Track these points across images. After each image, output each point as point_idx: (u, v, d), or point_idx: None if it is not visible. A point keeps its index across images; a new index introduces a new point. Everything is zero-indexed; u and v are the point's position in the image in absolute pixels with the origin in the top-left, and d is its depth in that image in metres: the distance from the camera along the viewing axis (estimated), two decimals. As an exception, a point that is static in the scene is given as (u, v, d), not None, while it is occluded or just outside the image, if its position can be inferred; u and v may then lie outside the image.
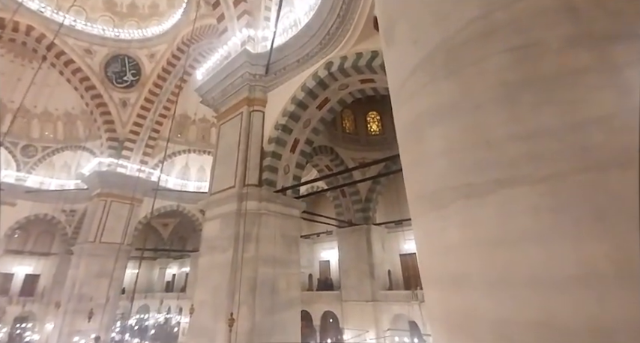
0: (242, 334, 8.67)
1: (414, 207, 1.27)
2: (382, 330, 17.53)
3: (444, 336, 1.06)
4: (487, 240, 0.88)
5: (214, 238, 10.71)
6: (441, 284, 1.08)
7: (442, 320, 1.07)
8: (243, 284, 9.33)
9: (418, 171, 1.21)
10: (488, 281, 0.86)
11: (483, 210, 0.89)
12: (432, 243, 1.13)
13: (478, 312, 0.88)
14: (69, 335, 18.11)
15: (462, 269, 0.95)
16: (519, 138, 0.84)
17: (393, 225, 21.46)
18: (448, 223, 1.00)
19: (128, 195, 20.41)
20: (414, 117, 1.22)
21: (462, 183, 0.95)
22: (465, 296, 0.94)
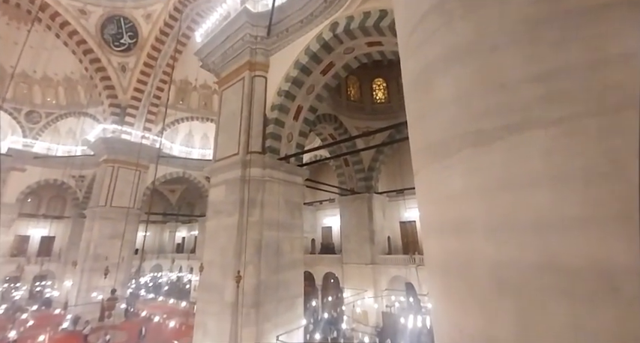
0: (249, 290, 9.30)
1: (418, 159, 1.26)
2: (380, 290, 18.61)
3: (441, 281, 1.09)
4: (492, 186, 0.88)
5: (220, 203, 11.04)
6: (440, 233, 1.09)
7: (440, 266, 1.10)
8: (248, 246, 9.81)
9: (424, 123, 1.19)
10: (489, 226, 0.87)
11: (490, 156, 0.88)
12: (435, 193, 1.13)
13: (477, 256, 0.90)
14: (87, 291, 19.54)
15: (464, 216, 0.96)
16: (536, 80, 0.81)
17: (395, 194, 21.82)
18: (452, 172, 1.00)
19: (134, 162, 20.72)
20: (423, 66, 1.17)
21: (471, 130, 0.94)
22: (464, 242, 0.95)
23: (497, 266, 0.84)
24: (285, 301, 10.29)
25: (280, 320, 9.87)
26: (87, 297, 19.01)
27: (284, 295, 10.31)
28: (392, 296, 18.47)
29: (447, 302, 1.05)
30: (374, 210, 20.46)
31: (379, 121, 20.21)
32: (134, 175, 22.41)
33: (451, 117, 1.03)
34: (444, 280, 1.08)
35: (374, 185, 21.25)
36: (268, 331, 9.38)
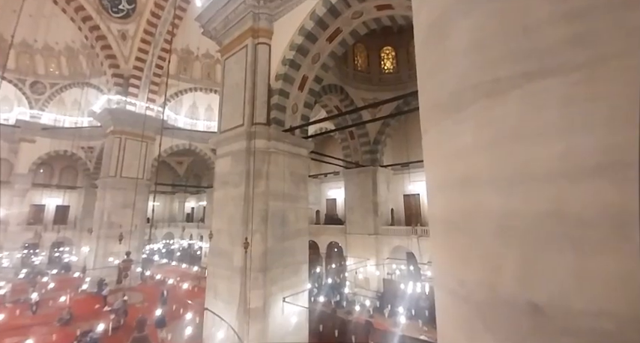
0: (256, 256, 9.78)
1: (428, 118, 1.22)
2: (382, 259, 19.33)
3: (443, 238, 1.10)
4: (504, 138, 0.85)
5: (227, 174, 11.25)
6: (446, 190, 1.09)
7: (443, 223, 1.10)
8: (255, 216, 10.14)
9: (436, 78, 1.14)
10: (498, 178, 0.86)
11: (505, 107, 0.85)
12: (443, 151, 1.11)
13: (482, 209, 0.89)
14: (104, 256, 20.69)
15: (472, 170, 0.94)
16: (562, 20, 0.75)
17: (400, 168, 21.83)
18: (463, 127, 0.98)
19: (140, 133, 20.88)
20: (438, 15, 1.10)
21: (486, 80, 0.90)
22: (469, 197, 0.95)
23: (502, 219, 0.83)
24: (290, 267, 10.82)
25: (286, 284, 10.46)
26: (104, 262, 20.19)
27: (290, 261, 10.82)
28: (393, 264, 19.21)
29: (448, 257, 1.07)
30: (378, 183, 20.64)
31: (386, 93, 19.70)
32: (141, 147, 22.67)
33: (466, 68, 0.97)
34: (446, 236, 1.08)
35: (379, 158, 21.24)
36: (275, 293, 9.99)
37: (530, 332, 0.76)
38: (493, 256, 0.86)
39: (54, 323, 14.42)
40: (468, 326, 0.96)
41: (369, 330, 11.55)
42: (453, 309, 1.05)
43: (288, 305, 10.06)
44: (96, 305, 17.33)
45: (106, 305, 16.79)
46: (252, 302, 9.43)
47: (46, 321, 14.79)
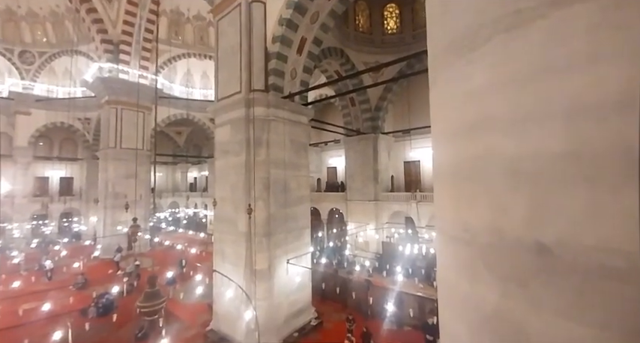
0: (260, 222, 10.06)
1: (436, 67, 1.16)
2: (381, 223, 19.92)
3: (449, 186, 1.09)
4: (523, 76, 0.81)
5: (227, 143, 11.17)
6: (454, 138, 1.06)
7: (449, 172, 1.09)
8: (257, 183, 10.25)
9: (447, 16, 1.07)
10: (513, 120, 0.83)
11: (526, 40, 0.80)
12: (452, 97, 1.07)
13: (494, 153, 0.87)
14: (112, 225, 21.34)
15: (485, 114, 0.91)
16: None
17: (401, 134, 21.63)
18: (476, 67, 0.93)
19: (136, 103, 20.43)
20: None
21: (506, 12, 0.83)
22: (481, 141, 0.92)
23: (514, 163, 0.82)
24: (293, 232, 11.19)
25: (290, 248, 10.89)
26: (112, 230, 20.87)
27: (292, 226, 11.16)
28: (392, 228, 19.83)
29: (454, 204, 1.07)
30: (379, 151, 20.58)
31: (389, 55, 18.86)
32: (138, 117, 22.29)
33: (483, 1, 0.91)
34: (453, 185, 1.08)
35: (380, 125, 20.94)
36: (279, 256, 10.45)
37: (535, 271, 0.78)
38: (501, 200, 0.86)
39: (70, 288, 15.30)
40: (471, 269, 0.98)
41: (368, 288, 12.26)
42: (455, 254, 1.07)
43: (292, 267, 10.56)
44: (109, 270, 18.25)
45: (119, 270, 17.68)
46: (258, 264, 9.89)
47: (62, 286, 15.67)
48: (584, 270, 0.69)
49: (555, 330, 0.75)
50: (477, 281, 0.95)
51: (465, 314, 1.05)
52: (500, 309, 0.88)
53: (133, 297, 13.54)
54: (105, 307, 12.25)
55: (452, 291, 1.14)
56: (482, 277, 0.92)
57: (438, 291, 1.36)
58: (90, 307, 12.26)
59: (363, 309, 12.11)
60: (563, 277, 0.73)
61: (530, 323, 0.80)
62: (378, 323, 11.14)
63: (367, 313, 11.89)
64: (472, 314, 1.01)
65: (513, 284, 0.83)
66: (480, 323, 0.97)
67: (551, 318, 0.76)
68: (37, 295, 14.15)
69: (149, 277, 4.76)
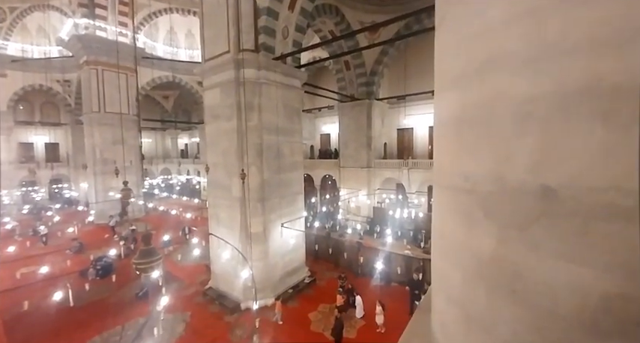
0: (254, 187, 10.13)
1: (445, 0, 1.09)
2: (373, 189, 20.35)
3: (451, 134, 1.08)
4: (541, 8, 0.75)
5: (216, 107, 10.81)
6: (459, 82, 1.02)
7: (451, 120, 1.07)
8: (250, 149, 10.14)
9: None
10: (527, 57, 0.79)
11: None
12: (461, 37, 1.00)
13: (504, 95, 0.84)
14: (104, 191, 21.24)
15: (496, 51, 0.86)
16: None
17: (395, 101, 21.25)
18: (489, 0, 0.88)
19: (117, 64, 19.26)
20: None
21: None
22: (490, 83, 0.89)
23: (524, 104, 0.79)
24: (287, 197, 11.36)
25: (284, 212, 11.14)
26: (105, 196, 20.82)
27: (286, 192, 11.30)
28: (383, 194, 20.33)
29: (455, 154, 1.06)
30: (373, 117, 20.32)
31: (387, 14, 17.82)
32: (120, 79, 21.14)
33: None
34: (455, 134, 1.06)
35: (375, 91, 20.43)
36: (274, 220, 10.71)
37: (536, 216, 0.79)
38: (505, 147, 0.85)
39: (66, 252, 15.59)
40: (469, 218, 1.00)
41: (359, 249, 12.88)
42: (453, 204, 1.09)
43: (286, 230, 10.90)
44: (105, 235, 18.54)
45: (115, 235, 17.98)
46: (253, 227, 10.16)
47: (59, 251, 15.95)
48: (590, 212, 0.70)
49: (554, 273, 0.78)
50: (475, 229, 0.97)
51: (460, 262, 1.09)
52: (498, 255, 0.90)
53: (131, 260, 13.97)
54: (104, 269, 12.63)
55: (447, 241, 1.17)
56: (481, 225, 0.94)
57: (432, 241, 1.41)
58: (89, 269, 12.62)
59: (354, 268, 12.82)
60: (567, 219, 0.73)
61: (528, 267, 0.83)
62: (368, 280, 11.87)
63: (358, 271, 12.61)
64: (467, 261, 1.04)
65: (512, 230, 0.85)
66: (476, 270, 1.01)
67: (551, 261, 0.78)
68: (34, 259, 14.41)
69: (143, 235, 4.84)
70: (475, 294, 1.03)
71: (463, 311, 1.12)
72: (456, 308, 1.17)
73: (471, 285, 1.05)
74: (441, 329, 1.36)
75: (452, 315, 1.22)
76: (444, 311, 1.30)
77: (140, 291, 10.75)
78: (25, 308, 9.56)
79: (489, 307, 0.98)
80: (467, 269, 1.06)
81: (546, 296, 0.80)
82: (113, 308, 9.97)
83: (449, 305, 1.24)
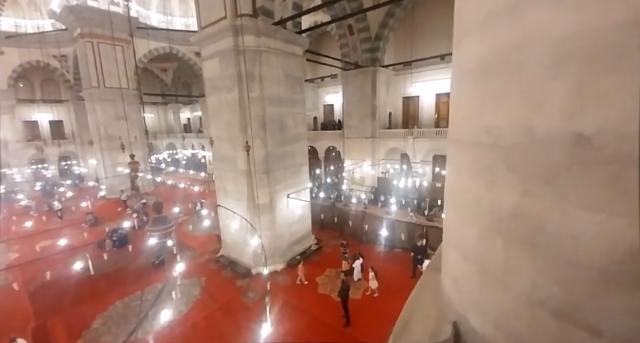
0: (259, 159, 10.19)
1: None
2: (377, 160, 20.34)
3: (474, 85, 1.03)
4: None
5: (217, 78, 10.56)
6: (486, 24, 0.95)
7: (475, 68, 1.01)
8: (253, 122, 10.03)
9: None
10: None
11: None
12: None
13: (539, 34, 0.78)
14: (112, 166, 21.60)
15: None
16: None
17: (401, 67, 20.44)
18: None
19: (112, 35, 18.62)
20: None
21: None
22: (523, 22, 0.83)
23: (563, 43, 0.73)
24: (291, 168, 11.45)
25: (289, 183, 11.30)
26: (114, 171, 21.22)
27: (290, 164, 11.37)
28: (387, 164, 20.34)
29: (476, 107, 1.01)
30: (378, 85, 19.70)
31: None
32: (117, 51, 20.58)
33: None
34: (476, 82, 1.00)
35: (380, 57, 19.60)
36: (279, 191, 10.90)
37: (565, 165, 0.76)
38: (538, 91, 0.80)
39: (82, 226, 16.24)
40: (489, 173, 0.97)
41: (363, 217, 13.18)
42: (471, 160, 1.06)
43: (292, 201, 11.13)
44: (117, 208, 19.16)
45: (127, 208, 18.57)
46: (260, 199, 10.38)
47: (75, 224, 16.62)
48: (624, 158, 0.67)
49: (580, 224, 0.76)
50: (495, 184, 0.94)
51: (477, 218, 1.07)
52: (519, 209, 0.88)
53: (144, 231, 14.55)
54: (120, 240, 13.23)
55: (462, 198, 1.15)
56: (503, 179, 0.91)
57: (445, 199, 1.36)
58: (105, 240, 13.22)
59: (358, 236, 13.22)
60: (599, 167, 0.70)
61: (551, 219, 0.81)
62: (372, 247, 12.29)
63: (362, 239, 13.02)
64: (485, 217, 1.03)
65: (537, 183, 0.82)
66: (493, 226, 0.99)
67: (578, 212, 0.75)
68: (52, 233, 15.07)
69: (154, 204, 5.00)
70: (492, 249, 1.03)
71: (477, 267, 1.13)
72: (470, 264, 1.18)
73: (487, 241, 1.04)
74: (453, 284, 1.39)
75: (465, 271, 1.24)
76: (457, 267, 1.32)
77: (156, 259, 11.33)
78: (48, 278, 10.20)
79: (506, 261, 0.98)
80: (483, 225, 1.05)
81: (570, 249, 0.79)
82: (132, 276, 10.57)
83: (462, 261, 1.25)
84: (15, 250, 13.51)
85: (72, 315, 8.68)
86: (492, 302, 1.09)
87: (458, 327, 1.29)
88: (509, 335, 1.03)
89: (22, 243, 14.11)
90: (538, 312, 0.91)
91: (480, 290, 1.15)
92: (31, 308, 9.15)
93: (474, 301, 1.19)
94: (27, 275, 10.94)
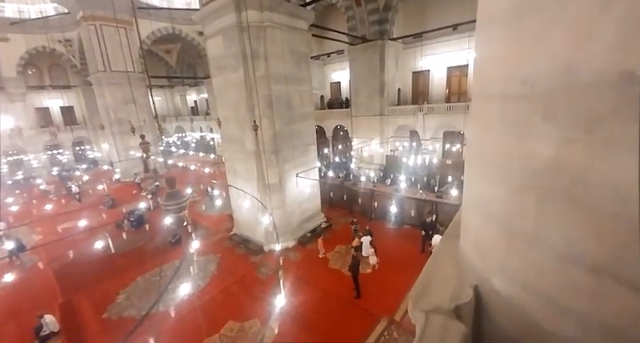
0: (267, 140, 10.16)
1: None
2: (386, 138, 20.07)
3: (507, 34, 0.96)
4: None
5: (221, 57, 10.36)
6: None
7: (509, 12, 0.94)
8: (260, 101, 9.93)
9: None
10: None
11: None
12: None
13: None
14: (125, 150, 22.01)
15: None
16: None
17: (411, 40, 19.55)
18: None
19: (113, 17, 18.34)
20: None
21: None
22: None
23: None
24: (299, 148, 11.43)
25: (297, 163, 11.33)
26: (127, 155, 21.66)
27: (298, 143, 11.34)
28: (396, 142, 20.08)
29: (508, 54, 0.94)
30: (386, 60, 19.03)
31: None
32: (120, 34, 20.32)
33: None
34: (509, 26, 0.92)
35: (389, 29, 18.77)
36: (288, 171, 10.96)
37: (613, 108, 0.70)
38: (583, 28, 0.72)
39: (100, 207, 16.87)
40: (521, 126, 0.91)
41: (372, 195, 13.23)
42: (502, 116, 1.00)
43: (301, 180, 11.21)
44: (132, 191, 19.74)
45: (142, 190, 19.11)
46: (270, 178, 10.50)
47: (93, 206, 17.28)
48: None
49: (625, 172, 0.70)
50: (530, 137, 0.90)
51: (506, 176, 1.03)
52: (557, 161, 0.83)
53: (159, 211, 15.01)
54: (137, 220, 13.72)
55: (489, 157, 1.10)
56: (538, 131, 0.86)
57: (466, 160, 1.31)
58: (123, 221, 13.74)
59: (368, 213, 13.34)
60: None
61: (593, 169, 0.75)
62: (381, 224, 12.43)
63: (371, 216, 13.14)
64: (515, 174, 0.98)
65: (579, 130, 0.76)
66: (526, 182, 0.94)
67: (623, 159, 0.70)
68: (71, 215, 15.72)
69: (167, 178, 5.08)
70: (522, 208, 0.99)
71: (504, 228, 1.10)
72: (496, 225, 1.15)
73: (517, 199, 1.00)
74: (474, 248, 1.37)
75: (489, 233, 1.21)
76: (480, 230, 1.29)
77: (173, 238, 11.77)
78: (72, 258, 10.77)
79: (539, 219, 0.95)
80: (514, 183, 1.00)
81: (612, 199, 0.74)
82: (150, 254, 11.06)
83: (486, 223, 1.23)
84: (38, 232, 14.20)
85: (96, 291, 9.20)
86: (519, 262, 1.07)
87: (479, 291, 1.28)
88: (537, 295, 1.02)
89: (44, 225, 14.81)
90: (572, 269, 0.88)
91: (505, 251, 1.13)
92: (57, 286, 9.70)
93: (498, 263, 1.17)
94: (51, 256, 11.52)
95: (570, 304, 0.92)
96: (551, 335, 1.00)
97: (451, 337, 1.07)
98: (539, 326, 1.03)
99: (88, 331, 7.62)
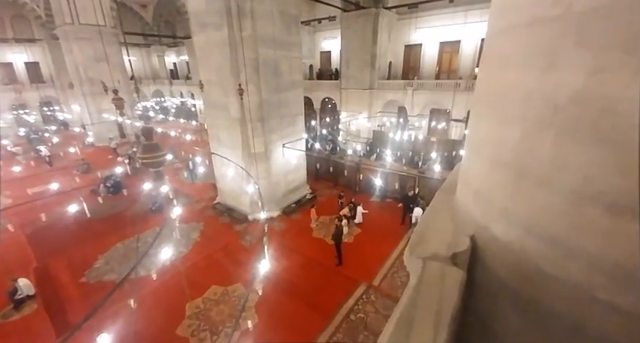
0: (253, 107, 9.74)
1: None
2: (374, 112, 19.90)
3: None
4: None
5: (204, 13, 9.53)
6: None
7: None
8: (246, 65, 9.41)
9: None
10: None
11: None
12: None
13: None
14: (97, 112, 20.65)
15: None
16: None
17: (406, 10, 18.78)
18: None
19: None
20: None
21: None
22: None
23: None
24: (287, 118, 11.10)
25: (284, 133, 11.06)
26: (99, 118, 20.34)
27: (285, 112, 10.98)
28: (384, 117, 19.99)
29: None
30: (379, 31, 18.32)
31: None
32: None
33: None
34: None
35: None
36: (275, 141, 10.70)
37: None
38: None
39: (74, 172, 16.06)
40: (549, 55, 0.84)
41: (358, 168, 13.31)
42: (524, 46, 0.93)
43: (287, 150, 11.03)
44: (108, 156, 18.84)
45: (118, 156, 18.29)
46: (255, 147, 10.24)
47: (66, 171, 16.42)
48: None
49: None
50: (556, 67, 0.83)
51: (521, 114, 0.97)
52: (585, 91, 0.78)
53: (139, 177, 14.50)
54: (114, 186, 13.23)
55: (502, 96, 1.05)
56: (567, 59, 0.80)
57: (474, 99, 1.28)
58: (99, 186, 13.22)
59: (352, 186, 13.50)
60: None
61: (627, 96, 0.69)
62: (365, 197, 12.65)
63: (356, 189, 13.32)
64: (533, 112, 0.93)
65: (616, 53, 0.70)
66: (544, 119, 0.90)
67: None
68: (42, 178, 14.90)
69: (143, 129, 4.63)
70: (536, 147, 0.95)
71: (513, 171, 1.07)
72: (503, 170, 1.12)
73: (532, 138, 0.96)
74: (474, 197, 1.36)
75: (495, 178, 1.18)
76: (483, 177, 1.27)
77: (153, 206, 11.50)
78: (45, 221, 10.32)
79: (555, 158, 0.91)
80: (530, 121, 0.96)
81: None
82: (130, 220, 10.80)
83: (492, 169, 1.20)
84: (7, 195, 13.45)
85: (74, 256, 8.99)
86: (527, 205, 1.05)
87: (475, 240, 1.29)
88: (543, 238, 1.01)
89: (13, 187, 14.02)
90: (587, 209, 0.86)
91: (511, 196, 1.11)
92: (31, 250, 9.38)
93: (502, 209, 1.16)
94: (23, 219, 11.02)
95: (580, 245, 0.91)
96: (552, 279, 1.00)
97: (450, 282, 1.07)
98: (540, 271, 1.03)
99: (66, 295, 7.52)
